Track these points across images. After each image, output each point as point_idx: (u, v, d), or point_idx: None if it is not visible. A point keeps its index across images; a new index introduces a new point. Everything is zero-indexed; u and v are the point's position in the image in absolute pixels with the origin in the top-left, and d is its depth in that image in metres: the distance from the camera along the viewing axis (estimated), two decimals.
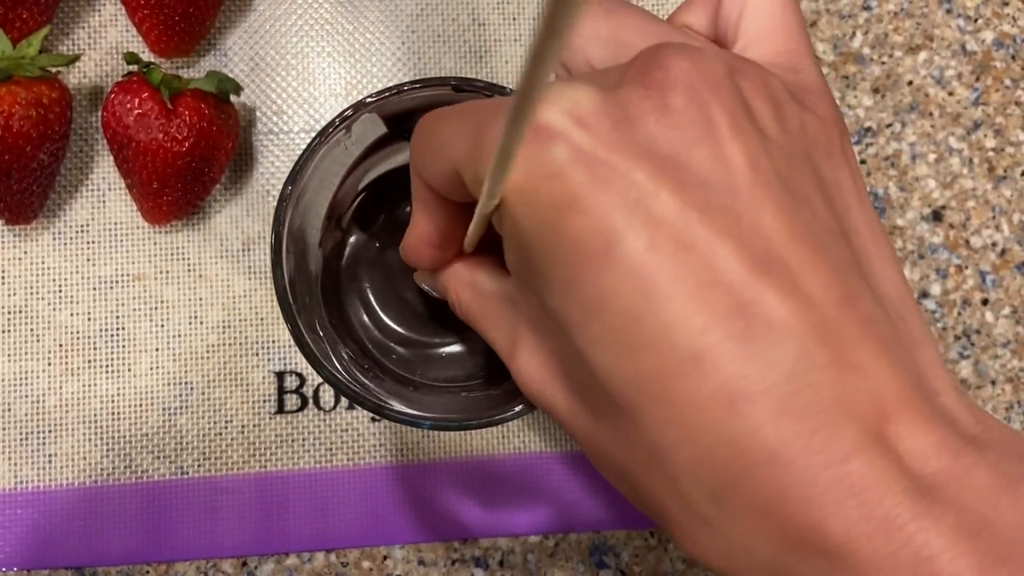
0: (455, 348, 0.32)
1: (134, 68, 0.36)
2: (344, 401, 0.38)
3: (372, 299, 0.31)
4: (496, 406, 0.26)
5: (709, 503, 0.16)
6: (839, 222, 0.18)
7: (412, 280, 0.27)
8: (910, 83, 0.42)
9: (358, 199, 0.31)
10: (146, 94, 0.35)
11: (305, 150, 0.25)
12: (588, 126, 0.16)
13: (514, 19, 0.40)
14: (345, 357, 0.28)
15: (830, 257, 0.17)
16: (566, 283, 0.17)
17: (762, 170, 0.17)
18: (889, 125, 0.42)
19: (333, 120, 0.25)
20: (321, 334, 0.27)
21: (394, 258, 0.31)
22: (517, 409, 0.25)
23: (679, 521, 0.17)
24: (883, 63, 0.42)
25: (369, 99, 0.25)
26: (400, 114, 0.26)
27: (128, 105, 0.35)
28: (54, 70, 0.37)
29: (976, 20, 0.43)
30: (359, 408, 0.38)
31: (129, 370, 0.38)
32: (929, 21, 0.42)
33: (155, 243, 0.38)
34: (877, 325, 0.17)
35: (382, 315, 0.31)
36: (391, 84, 0.38)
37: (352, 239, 0.31)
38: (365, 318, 0.31)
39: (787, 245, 0.16)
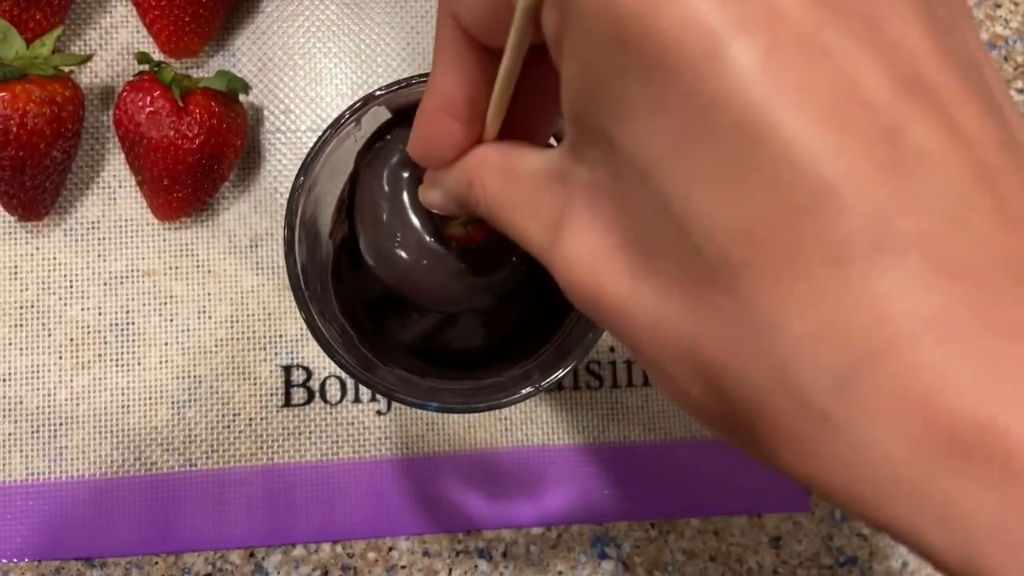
0: (463, 337, 0.32)
1: (145, 67, 0.37)
2: (350, 395, 0.39)
3: (377, 267, 0.32)
4: (502, 391, 0.26)
5: (833, 392, 0.12)
6: (976, 64, 0.15)
7: (418, 270, 0.26)
8: None
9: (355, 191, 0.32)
10: (157, 92, 0.35)
11: (316, 142, 0.26)
12: None
13: None
14: (355, 345, 0.28)
15: (982, 95, 0.14)
16: (652, 103, 0.13)
17: None
18: None
19: (344, 112, 0.26)
20: (332, 323, 0.28)
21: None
22: (524, 392, 0.26)
23: (785, 423, 0.13)
24: None
25: (378, 92, 0.26)
26: (408, 107, 0.27)
27: (140, 103, 0.35)
28: (67, 69, 0.38)
29: None
30: (364, 402, 0.39)
31: (139, 364, 0.38)
32: None
33: (164, 239, 0.39)
34: None
35: (389, 285, 0.32)
36: None
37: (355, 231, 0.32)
38: (373, 308, 0.32)
39: (938, 70, 0.13)
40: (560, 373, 0.26)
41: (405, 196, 0.24)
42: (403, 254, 0.24)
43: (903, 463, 0.12)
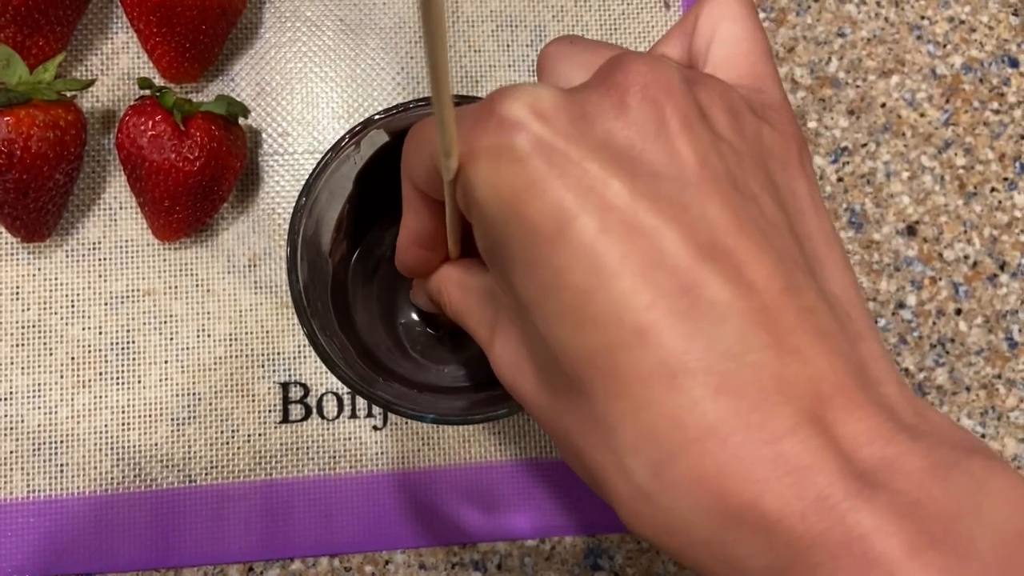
0: (457, 355, 0.33)
1: (147, 92, 0.38)
2: (347, 411, 0.40)
3: (377, 308, 0.33)
4: (498, 403, 0.27)
5: (650, 477, 0.16)
6: (790, 223, 0.19)
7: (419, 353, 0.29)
8: (883, 105, 0.44)
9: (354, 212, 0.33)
10: (159, 116, 0.36)
11: (318, 164, 0.27)
12: (548, 119, 0.17)
13: (508, 46, 0.43)
14: (355, 360, 0.29)
15: (774, 250, 0.17)
16: (525, 263, 0.18)
17: (711, 166, 0.18)
18: (864, 145, 0.44)
19: (344, 136, 0.27)
20: (332, 338, 0.28)
21: (395, 268, 0.32)
22: (516, 403, 0.26)
23: (622, 496, 0.17)
24: (858, 86, 0.44)
25: (377, 116, 0.27)
26: (406, 130, 0.28)
27: (142, 127, 0.36)
28: (69, 94, 0.39)
29: (945, 45, 0.45)
30: (361, 417, 0.40)
31: (139, 382, 0.39)
32: (901, 47, 0.45)
33: (164, 259, 0.40)
34: (818, 316, 0.17)
35: (387, 323, 0.33)
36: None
37: (357, 250, 0.33)
38: (371, 326, 0.33)
39: (732, 235, 0.17)
40: None
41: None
42: (398, 308, 0.30)
43: (699, 527, 0.16)
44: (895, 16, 0.45)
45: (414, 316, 0.27)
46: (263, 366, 0.40)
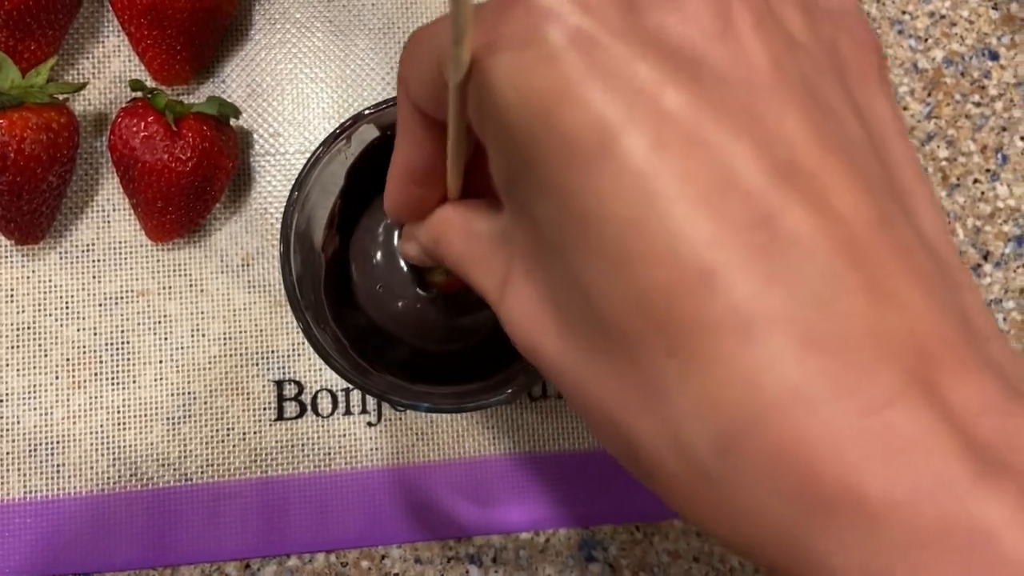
0: (450, 347, 0.34)
1: (138, 95, 0.38)
2: (341, 407, 0.40)
3: (369, 302, 0.33)
4: (489, 392, 0.28)
5: (714, 454, 0.14)
6: (875, 147, 0.16)
7: (405, 283, 0.28)
8: None
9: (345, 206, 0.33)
10: (151, 118, 0.37)
11: (309, 158, 0.27)
12: (589, 8, 0.14)
13: None
14: (348, 353, 0.30)
15: (863, 176, 0.15)
16: (557, 189, 0.15)
17: (787, 72, 0.15)
18: None
19: (335, 131, 0.27)
20: (325, 330, 0.29)
21: (387, 261, 0.33)
22: (509, 391, 0.27)
23: (676, 478, 0.14)
24: None
25: (367, 111, 0.27)
26: (395, 124, 0.28)
27: (134, 128, 0.37)
28: (61, 97, 0.39)
29: (927, 40, 0.46)
30: (355, 414, 0.40)
31: (134, 382, 0.39)
32: (883, 41, 0.45)
33: (158, 260, 0.40)
34: (915, 256, 0.14)
35: (380, 316, 0.33)
36: None
37: (349, 244, 0.33)
38: (363, 319, 0.33)
39: (814, 154, 0.14)
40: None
41: (395, 246, 0.24)
42: (391, 298, 0.25)
43: (775, 516, 0.13)
44: (876, 12, 0.46)
45: (404, 269, 0.25)
46: (257, 364, 0.40)
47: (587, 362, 0.16)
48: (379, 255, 0.26)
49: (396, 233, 0.26)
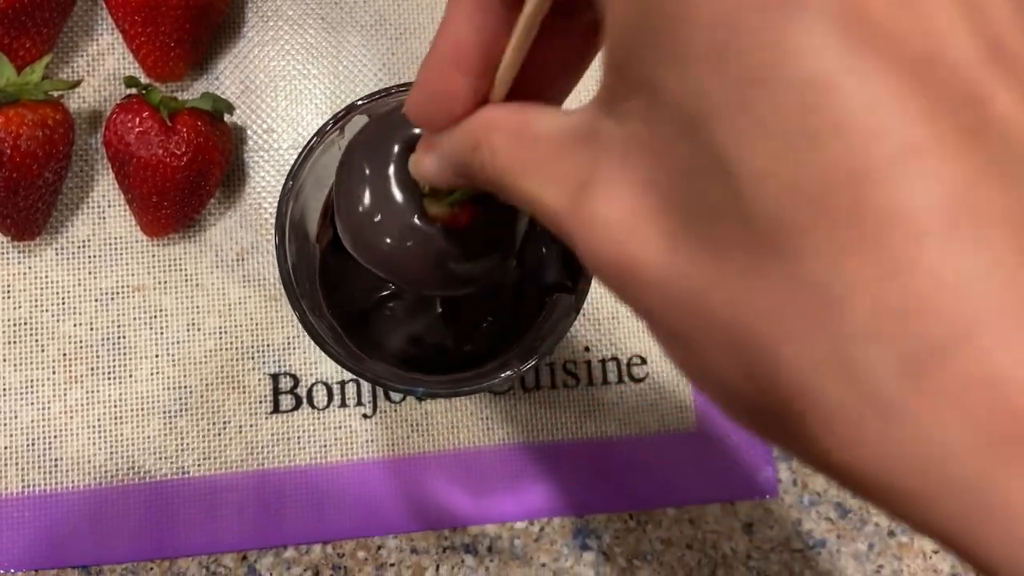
0: (444, 334, 0.34)
1: (133, 91, 0.38)
2: (336, 400, 0.40)
3: (363, 294, 0.34)
4: (481, 379, 0.28)
5: (899, 380, 0.11)
6: None
7: (399, 251, 0.25)
8: None
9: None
10: (146, 113, 0.37)
11: (303, 148, 0.28)
12: None
13: None
14: (344, 341, 0.30)
15: None
16: (718, 49, 0.12)
17: None
18: None
19: (328, 121, 0.28)
20: (321, 319, 0.29)
21: None
22: (504, 375, 0.27)
23: (838, 410, 0.12)
24: None
25: (360, 101, 0.28)
26: (388, 115, 0.29)
27: (129, 124, 0.37)
28: (57, 94, 0.39)
29: None
30: (350, 406, 0.40)
31: (130, 376, 0.40)
32: None
33: (153, 255, 0.40)
34: None
35: (374, 307, 0.33)
36: None
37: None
38: (358, 310, 0.33)
39: (1019, 37, 0.12)
40: (535, 359, 0.28)
41: (391, 170, 0.23)
42: (383, 232, 0.23)
43: (965, 458, 0.11)
44: None
45: (399, 198, 0.23)
46: (253, 358, 0.40)
47: (713, 269, 0.13)
48: (369, 188, 0.25)
49: (392, 169, 0.24)
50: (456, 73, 0.18)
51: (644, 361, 0.42)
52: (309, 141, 0.28)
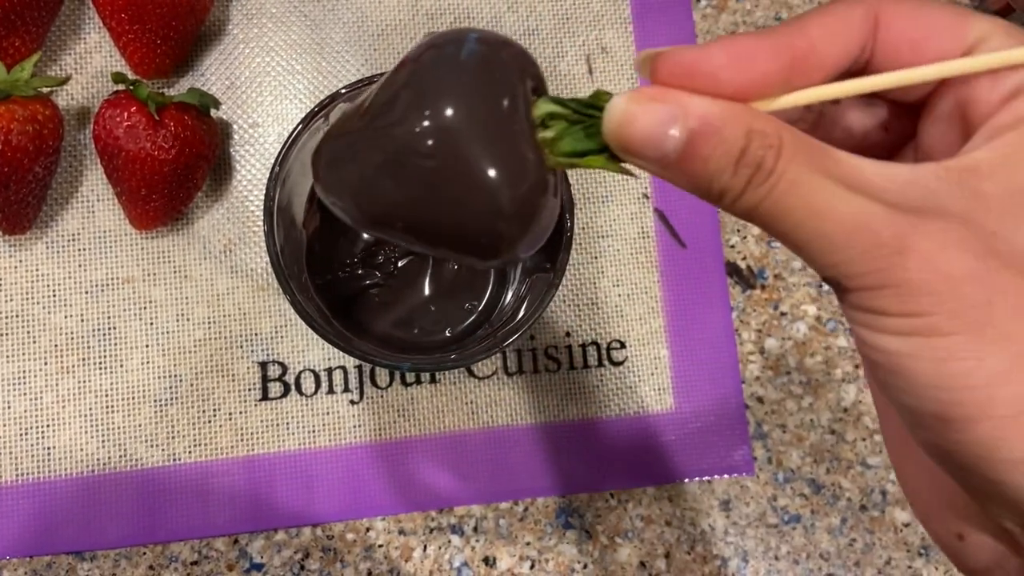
0: (428, 318, 0.35)
1: (121, 87, 0.39)
2: (324, 386, 0.41)
3: (349, 276, 0.35)
4: (467, 356, 0.29)
5: None
6: None
7: (382, 258, 0.25)
8: None
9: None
10: (134, 108, 0.38)
11: (289, 135, 0.29)
12: None
13: None
14: (331, 322, 0.31)
15: None
16: None
17: None
18: None
19: (313, 109, 0.29)
20: (309, 301, 0.30)
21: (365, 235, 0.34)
22: (486, 345, 0.28)
23: None
24: None
25: (343, 90, 0.29)
26: None
27: (118, 118, 0.38)
28: (46, 91, 0.40)
29: None
30: (338, 392, 0.41)
31: (121, 366, 0.41)
32: None
33: (142, 248, 0.41)
34: None
35: (360, 292, 0.35)
36: None
37: (328, 224, 0.35)
38: (343, 293, 0.34)
39: None
40: (519, 334, 0.29)
41: (517, 99, 0.19)
42: (369, 272, 0.20)
43: None
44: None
45: (384, 278, 0.23)
46: (242, 347, 0.41)
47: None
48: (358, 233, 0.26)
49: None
50: (783, 52, 0.16)
51: (623, 345, 0.43)
52: (295, 128, 0.29)
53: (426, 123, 0.18)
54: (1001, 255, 0.14)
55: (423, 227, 0.19)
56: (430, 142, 0.18)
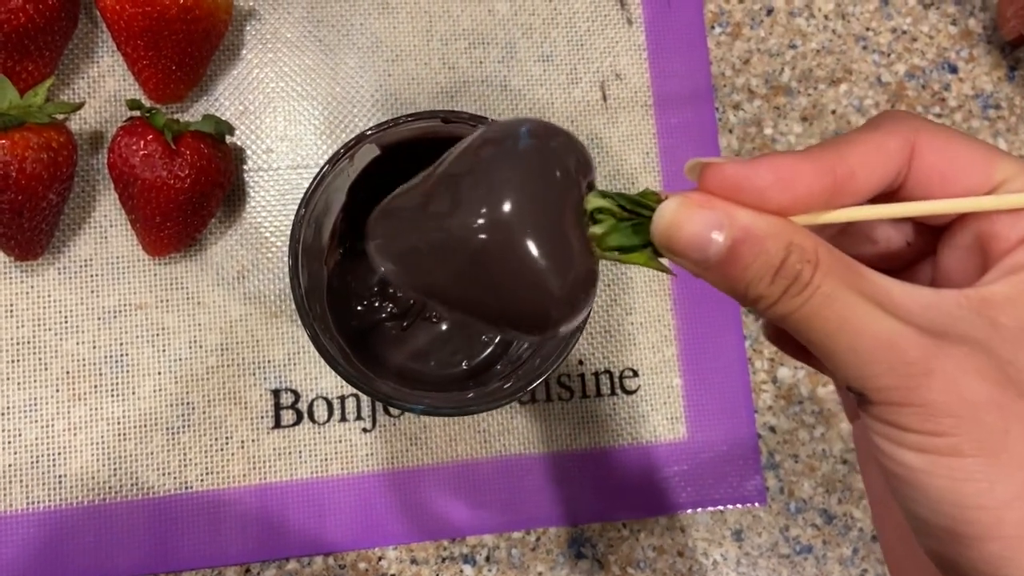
0: (446, 350, 0.35)
1: (136, 113, 0.39)
2: (336, 414, 0.41)
3: (369, 312, 0.35)
4: (490, 400, 0.29)
5: None
6: None
7: (397, 294, 0.25)
8: (834, 112, 0.47)
9: (347, 221, 0.35)
10: (150, 136, 0.38)
11: (316, 176, 0.29)
12: None
13: (480, 63, 0.45)
14: (352, 360, 0.31)
15: None
16: None
17: None
18: None
19: (339, 150, 0.29)
20: (331, 340, 0.30)
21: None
22: (509, 390, 0.28)
23: None
24: (809, 95, 0.47)
25: (369, 131, 0.29)
26: (395, 144, 0.30)
27: (134, 147, 0.38)
28: (60, 117, 0.40)
29: (889, 55, 0.48)
30: (350, 420, 0.41)
31: (133, 393, 0.40)
32: (848, 57, 0.48)
33: (155, 274, 0.41)
34: None
35: (378, 327, 0.34)
36: (371, 123, 0.42)
37: (348, 258, 0.35)
38: (362, 330, 0.34)
39: None
40: (541, 379, 0.29)
41: (569, 197, 0.20)
42: (388, 310, 0.22)
43: None
44: (842, 28, 0.48)
45: (402, 315, 0.24)
46: (254, 374, 0.41)
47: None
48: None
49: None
50: (822, 167, 0.17)
51: (636, 374, 0.43)
52: (321, 169, 0.29)
53: (484, 217, 0.19)
54: (1017, 384, 0.16)
55: (471, 304, 0.20)
56: (490, 234, 0.19)
